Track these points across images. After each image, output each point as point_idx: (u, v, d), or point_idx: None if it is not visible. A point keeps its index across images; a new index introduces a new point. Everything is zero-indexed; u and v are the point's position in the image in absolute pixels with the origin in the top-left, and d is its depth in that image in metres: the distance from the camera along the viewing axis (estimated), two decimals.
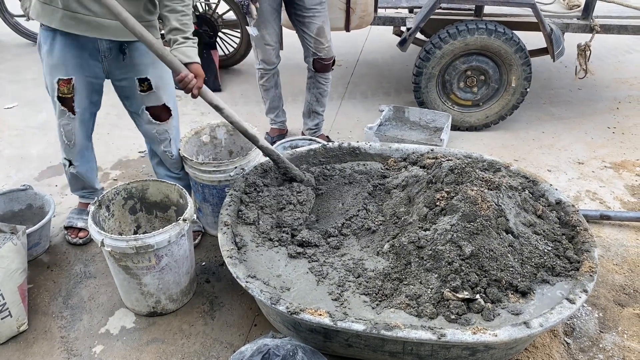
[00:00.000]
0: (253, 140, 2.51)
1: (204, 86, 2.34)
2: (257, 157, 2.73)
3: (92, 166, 2.82)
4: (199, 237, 2.89)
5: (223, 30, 5.04)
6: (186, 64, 2.27)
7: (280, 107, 3.82)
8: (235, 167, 2.62)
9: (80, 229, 2.86)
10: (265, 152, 2.54)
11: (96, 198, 2.40)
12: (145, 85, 2.51)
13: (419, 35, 4.19)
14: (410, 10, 4.24)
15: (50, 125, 4.06)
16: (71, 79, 2.37)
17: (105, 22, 2.27)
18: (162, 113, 2.61)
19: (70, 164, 2.69)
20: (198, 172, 2.64)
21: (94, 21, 2.26)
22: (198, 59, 2.33)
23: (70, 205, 3.09)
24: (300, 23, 3.32)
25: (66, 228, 2.89)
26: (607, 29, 3.91)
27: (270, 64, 3.48)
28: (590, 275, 2.00)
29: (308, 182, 2.61)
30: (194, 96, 2.31)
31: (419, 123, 4.02)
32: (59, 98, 2.43)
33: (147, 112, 2.59)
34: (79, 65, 2.37)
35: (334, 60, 3.52)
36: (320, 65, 3.46)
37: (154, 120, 2.61)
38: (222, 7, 4.91)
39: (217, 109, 2.39)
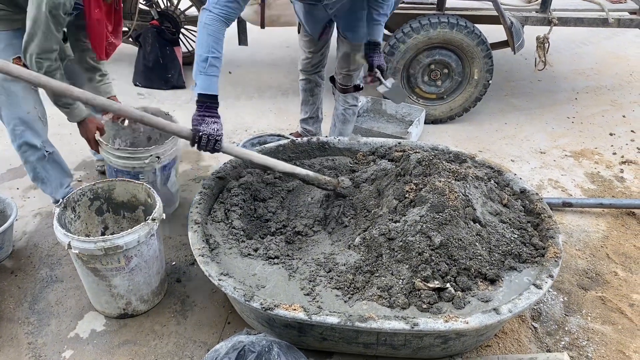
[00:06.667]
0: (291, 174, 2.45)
1: None
2: (174, 147, 2.75)
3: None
4: None
5: (186, 26, 4.97)
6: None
7: (309, 114, 3.60)
8: (150, 155, 2.65)
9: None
10: (295, 176, 2.47)
11: (60, 200, 2.35)
12: None
13: None
14: None
15: None
16: (20, 57, 2.42)
17: None
18: None
19: (46, 150, 2.69)
20: (112, 157, 2.67)
21: None
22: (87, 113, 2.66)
23: (33, 208, 3.01)
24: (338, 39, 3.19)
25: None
26: (564, 22, 4.03)
27: (301, 65, 3.40)
28: (555, 261, 2.06)
29: (345, 189, 2.48)
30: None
31: (395, 116, 4.07)
32: None
33: None
34: None
35: (358, 87, 3.29)
36: (337, 84, 3.29)
37: None
38: (184, 3, 4.84)
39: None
